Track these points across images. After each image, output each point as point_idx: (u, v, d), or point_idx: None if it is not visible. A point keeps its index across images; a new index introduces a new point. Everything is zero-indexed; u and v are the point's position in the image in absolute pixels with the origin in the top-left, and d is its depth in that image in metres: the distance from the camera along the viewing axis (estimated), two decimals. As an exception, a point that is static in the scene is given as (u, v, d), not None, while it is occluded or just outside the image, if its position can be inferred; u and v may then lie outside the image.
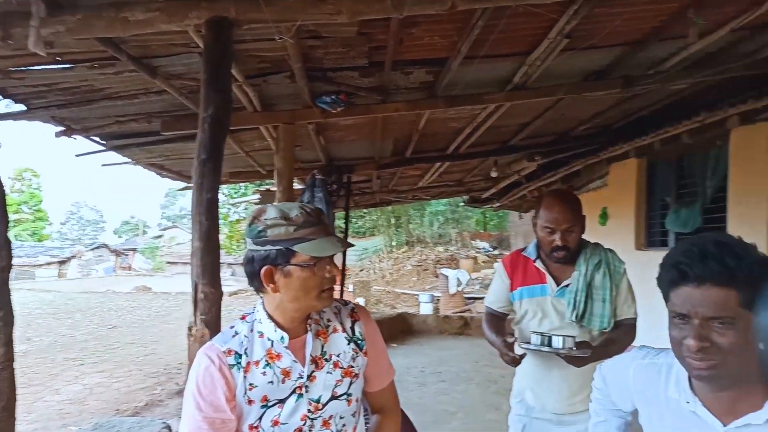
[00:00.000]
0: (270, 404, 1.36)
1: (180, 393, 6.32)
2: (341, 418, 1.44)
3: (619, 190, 6.89)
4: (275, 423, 1.36)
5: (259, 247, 1.35)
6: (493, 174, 7.12)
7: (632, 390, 1.36)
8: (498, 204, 11.33)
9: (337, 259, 1.62)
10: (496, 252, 23.70)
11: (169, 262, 40.90)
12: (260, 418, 1.36)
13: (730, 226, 5.04)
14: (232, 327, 1.43)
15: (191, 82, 3.38)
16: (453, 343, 9.16)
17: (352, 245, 1.54)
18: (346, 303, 1.53)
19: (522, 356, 2.13)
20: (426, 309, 13.66)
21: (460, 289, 14.18)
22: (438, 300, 14.49)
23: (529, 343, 2.12)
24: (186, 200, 51.77)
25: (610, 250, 2.30)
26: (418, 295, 15.80)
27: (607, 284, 2.21)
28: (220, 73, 2.28)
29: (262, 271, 1.34)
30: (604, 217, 7.28)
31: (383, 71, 3.47)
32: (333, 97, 3.88)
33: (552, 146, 6.56)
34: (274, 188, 8.73)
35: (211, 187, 2.15)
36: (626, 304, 2.23)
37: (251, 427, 1.36)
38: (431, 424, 5.00)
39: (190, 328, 2.16)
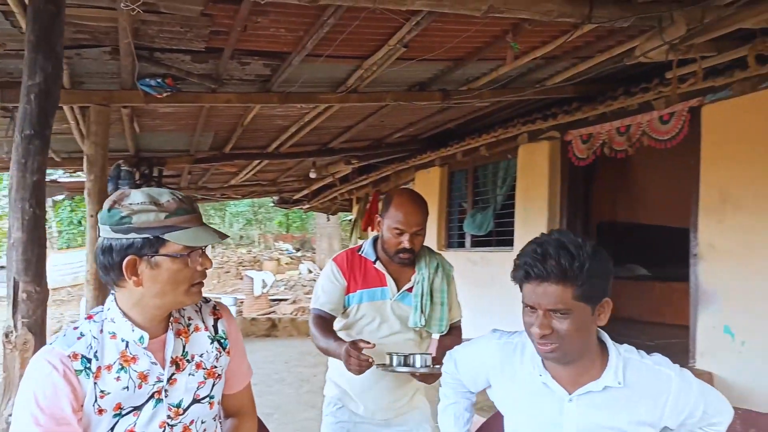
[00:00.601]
0: (124, 412, 1.24)
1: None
2: (203, 422, 1.36)
3: (424, 195, 7.49)
4: None
5: (120, 235, 1.22)
6: (312, 175, 7.23)
7: (489, 367, 1.52)
8: (308, 206, 11.49)
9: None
10: (299, 254, 23.89)
11: None
12: (112, 429, 1.23)
13: (517, 228, 5.82)
14: (76, 328, 1.27)
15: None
16: (262, 345, 9.04)
17: (227, 236, 1.47)
18: (207, 300, 1.45)
19: (372, 361, 1.97)
20: (229, 312, 13.20)
21: (265, 291, 14.02)
22: (242, 302, 14.14)
23: (385, 365, 2.00)
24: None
25: (439, 254, 2.32)
26: (220, 298, 15.23)
27: (445, 288, 2.23)
28: (52, 34, 1.98)
29: (125, 261, 1.21)
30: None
31: (220, 59, 3.33)
32: (159, 80, 3.60)
33: (368, 151, 6.89)
34: (63, 179, 7.74)
35: (38, 169, 1.87)
36: (456, 307, 2.29)
37: None
38: (250, 427, 4.88)
39: (7, 334, 1.84)
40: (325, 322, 2.19)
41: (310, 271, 17.79)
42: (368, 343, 1.94)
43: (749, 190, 3.84)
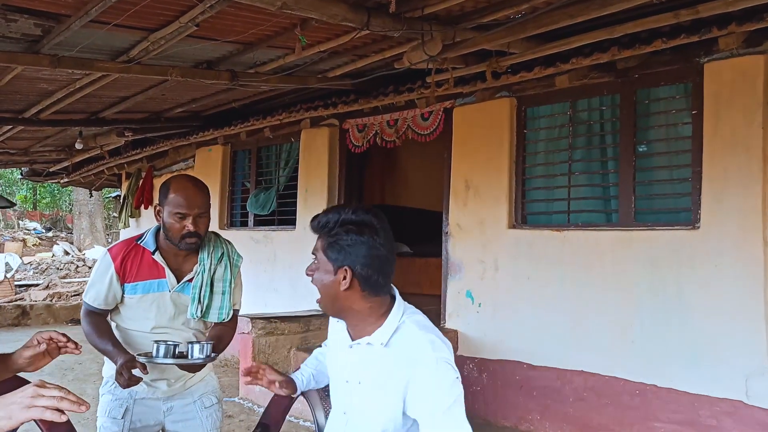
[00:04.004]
0: None
1: None
2: None
3: (206, 173, 7.41)
4: None
5: None
6: (78, 146, 6.60)
7: (334, 326, 1.75)
8: (67, 180, 10.34)
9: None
10: (50, 234, 21.16)
11: None
12: None
13: (299, 208, 6.18)
14: None
15: None
16: (10, 336, 8.00)
17: (13, 204, 1.50)
18: None
19: (140, 379, 1.98)
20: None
21: (10, 276, 12.25)
22: (-21, 289, 12.15)
23: (148, 355, 1.97)
24: None
25: (229, 242, 2.33)
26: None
27: (228, 277, 2.24)
28: None
29: None
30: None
31: (-19, 12, 2.98)
32: None
33: (144, 124, 6.55)
34: None
35: None
36: (239, 295, 2.32)
37: None
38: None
39: None
40: (98, 319, 2.16)
41: (67, 253, 15.95)
42: (144, 367, 1.95)
43: (484, 178, 4.73)
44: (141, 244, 2.20)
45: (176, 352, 2.00)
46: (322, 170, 6.01)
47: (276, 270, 6.37)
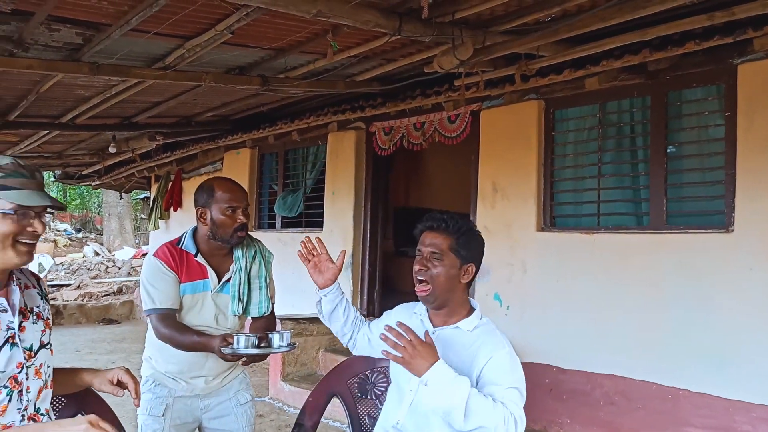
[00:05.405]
0: None
1: None
2: (48, 367, 1.54)
3: (234, 176, 7.51)
4: None
5: None
6: (112, 150, 6.77)
7: (391, 317, 1.99)
8: (98, 182, 10.58)
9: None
10: (80, 234, 21.61)
11: None
12: None
13: (326, 211, 6.23)
14: None
15: None
16: (44, 334, 8.24)
17: (65, 207, 1.59)
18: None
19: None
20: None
21: (43, 276, 12.57)
22: (12, 289, 12.50)
23: (231, 346, 2.02)
24: None
25: (259, 241, 2.43)
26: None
27: (263, 273, 2.36)
28: None
29: None
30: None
31: (27, 22, 3.09)
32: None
33: (175, 128, 6.69)
34: None
35: None
36: (273, 289, 2.44)
37: None
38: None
39: None
40: (174, 320, 2.21)
41: (97, 254, 16.29)
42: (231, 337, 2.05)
43: (511, 180, 4.73)
44: (183, 249, 2.27)
45: (256, 342, 2.05)
46: (348, 173, 6.06)
47: (303, 271, 6.23)
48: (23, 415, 1.45)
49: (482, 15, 3.29)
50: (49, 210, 1.48)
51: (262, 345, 2.08)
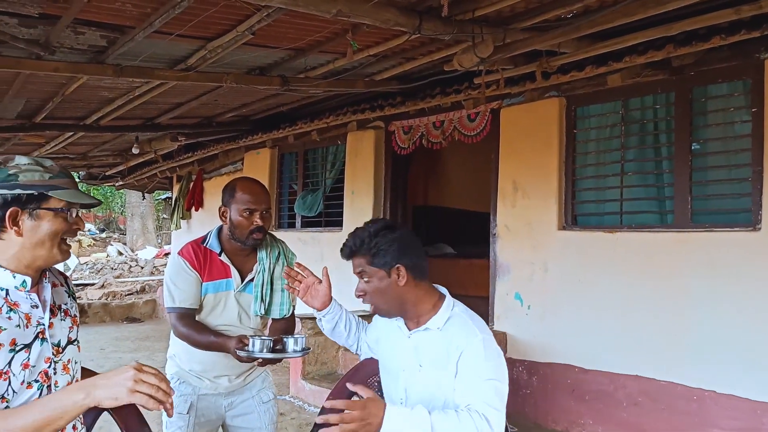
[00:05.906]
0: (18, 348, 1.39)
1: None
2: (76, 362, 1.57)
3: (254, 176, 7.56)
4: (26, 366, 1.40)
5: (5, 191, 1.38)
6: (135, 151, 6.87)
7: (379, 326, 2.01)
8: (121, 183, 10.74)
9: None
10: (104, 234, 21.97)
11: None
12: (9, 363, 1.38)
13: (345, 210, 6.26)
14: None
15: None
16: (70, 332, 8.40)
17: (101, 202, 1.63)
18: None
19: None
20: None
21: (68, 275, 12.79)
22: (39, 288, 12.73)
23: (246, 349, 2.03)
24: None
25: (283, 242, 2.43)
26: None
27: None
28: None
29: (8, 212, 1.37)
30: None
31: (54, 26, 3.15)
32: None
33: (196, 128, 6.76)
34: None
35: None
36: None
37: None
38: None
39: None
40: (192, 319, 2.23)
41: (121, 253, 16.54)
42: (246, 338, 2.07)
43: (532, 179, 4.69)
44: (207, 247, 2.29)
45: (271, 346, 2.06)
46: (368, 172, 6.07)
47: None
48: None
49: (502, 12, 3.27)
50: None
51: (277, 348, 2.09)
